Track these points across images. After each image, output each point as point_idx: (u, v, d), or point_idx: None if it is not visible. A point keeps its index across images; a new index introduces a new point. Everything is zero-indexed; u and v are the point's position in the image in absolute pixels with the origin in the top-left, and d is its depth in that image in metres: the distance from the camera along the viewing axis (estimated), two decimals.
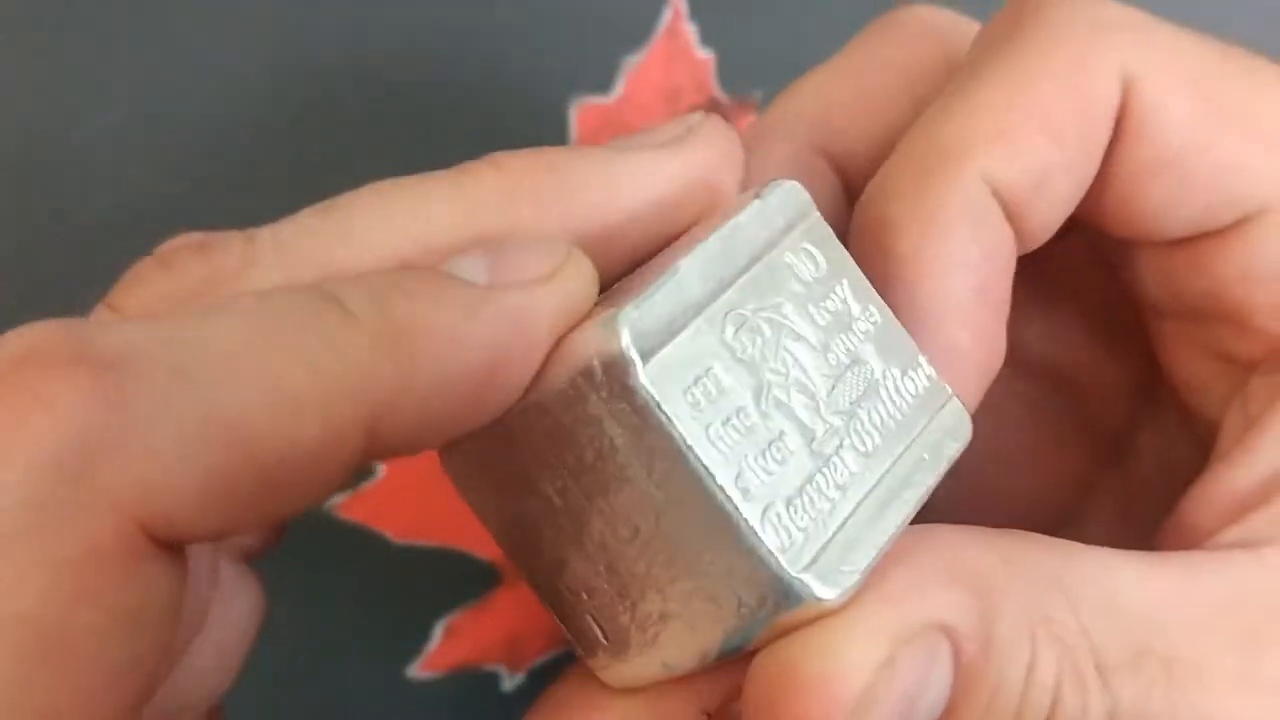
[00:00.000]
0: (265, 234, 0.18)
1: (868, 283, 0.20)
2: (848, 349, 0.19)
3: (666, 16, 0.37)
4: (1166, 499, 0.23)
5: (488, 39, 0.36)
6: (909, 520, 0.19)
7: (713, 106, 0.36)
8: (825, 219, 0.20)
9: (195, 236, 0.19)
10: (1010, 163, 0.20)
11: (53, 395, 0.14)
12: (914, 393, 0.20)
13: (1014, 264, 0.21)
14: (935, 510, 0.21)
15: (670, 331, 0.18)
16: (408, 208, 0.18)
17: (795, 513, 0.18)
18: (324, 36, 0.37)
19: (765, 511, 0.18)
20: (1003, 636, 0.19)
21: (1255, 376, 0.22)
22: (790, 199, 0.20)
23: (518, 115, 0.36)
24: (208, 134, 0.34)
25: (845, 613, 0.18)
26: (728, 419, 0.18)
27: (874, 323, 0.20)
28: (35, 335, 0.15)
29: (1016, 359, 0.26)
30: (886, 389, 0.19)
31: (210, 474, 0.15)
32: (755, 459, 0.18)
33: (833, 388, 0.19)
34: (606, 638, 0.20)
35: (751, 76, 0.36)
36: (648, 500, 0.18)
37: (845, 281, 0.20)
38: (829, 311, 0.19)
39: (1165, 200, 0.21)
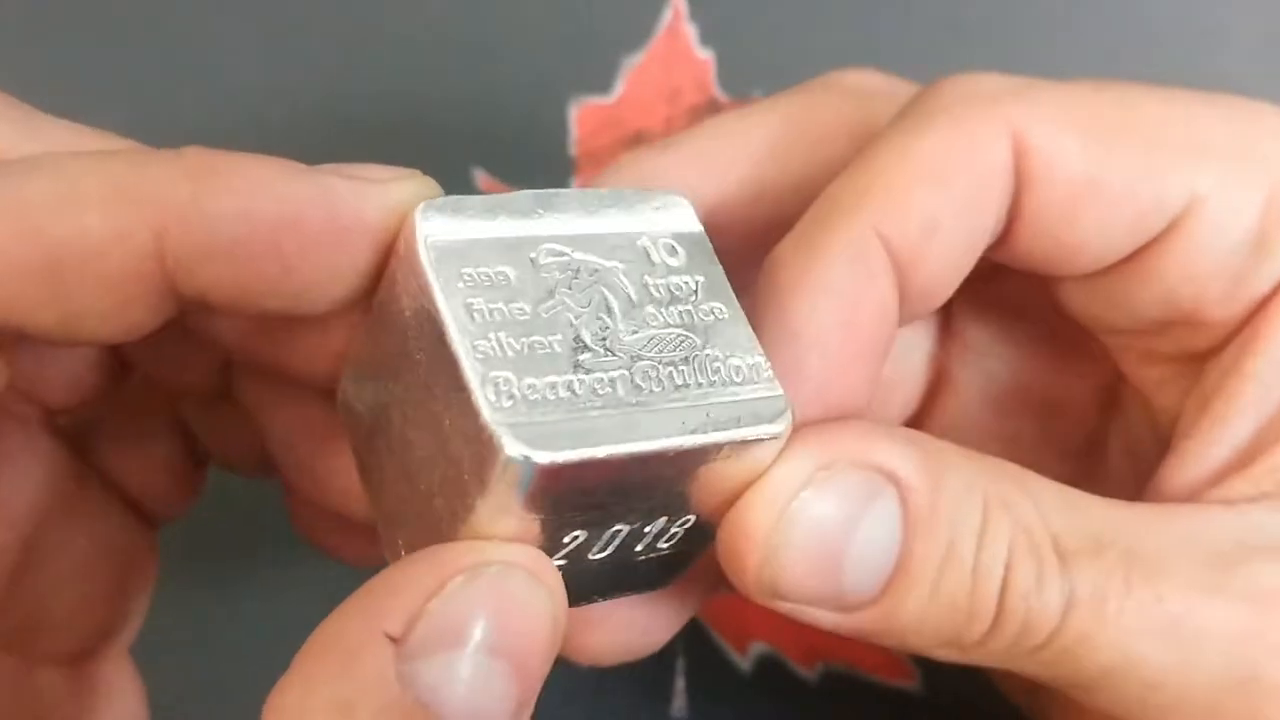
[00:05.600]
0: None
1: (730, 292, 0.20)
2: (679, 320, 0.20)
3: (666, 17, 0.37)
4: (1138, 498, 0.23)
5: (488, 39, 0.36)
6: (666, 450, 0.18)
7: (712, 107, 0.36)
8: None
9: None
10: (899, 212, 0.21)
11: None
12: (734, 375, 0.20)
13: (894, 314, 0.22)
14: None
15: (475, 230, 0.19)
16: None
17: (527, 390, 0.18)
18: (325, 38, 0.37)
19: (490, 373, 0.18)
20: (950, 496, 0.20)
21: (1210, 362, 0.23)
22: (678, 211, 0.21)
23: (518, 115, 0.36)
24: (207, 134, 0.34)
25: (781, 454, 0.19)
26: (497, 305, 0.18)
27: (719, 316, 0.20)
28: None
29: (986, 396, 0.27)
30: (703, 361, 0.19)
31: None
32: (506, 338, 0.18)
33: (635, 332, 0.19)
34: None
35: (751, 77, 0.36)
36: (419, 376, 0.19)
37: (702, 279, 0.20)
38: (670, 289, 0.20)
39: (1094, 229, 0.22)
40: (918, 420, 0.28)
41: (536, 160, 0.35)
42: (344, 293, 0.20)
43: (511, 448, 0.17)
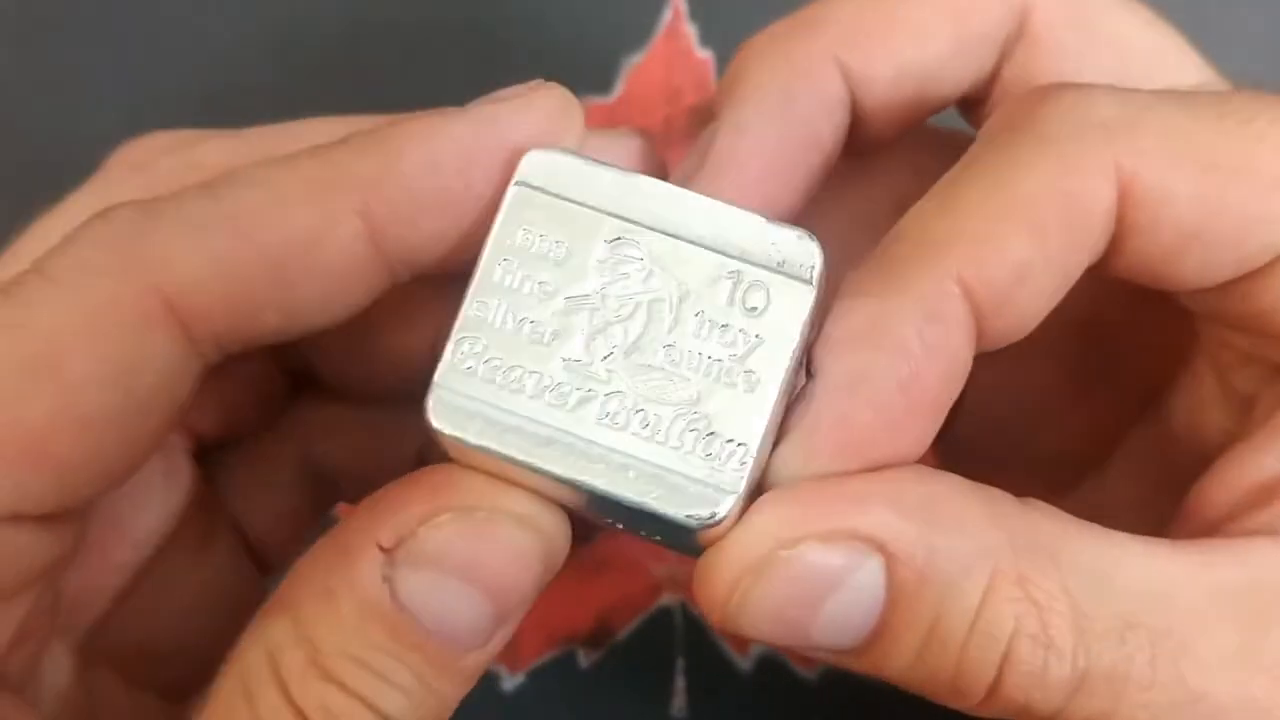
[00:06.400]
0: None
1: (785, 364, 0.19)
2: (700, 366, 0.19)
3: (667, 17, 0.37)
4: (1193, 457, 0.23)
5: (488, 39, 0.37)
6: (563, 476, 0.18)
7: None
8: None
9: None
10: (988, 260, 0.20)
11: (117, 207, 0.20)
12: (704, 447, 0.19)
13: (965, 368, 0.20)
14: (957, 448, 0.20)
15: (571, 190, 0.19)
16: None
17: (491, 361, 0.19)
18: (323, 36, 0.37)
19: (471, 332, 0.19)
20: (945, 571, 0.19)
21: None
22: (803, 255, 0.19)
23: None
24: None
25: (763, 508, 0.19)
26: (529, 271, 0.19)
27: (749, 382, 0.19)
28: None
29: (1060, 317, 0.26)
30: (690, 418, 0.18)
31: (218, 254, 0.20)
32: (511, 307, 0.19)
33: (642, 359, 0.19)
34: None
35: None
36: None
37: (768, 337, 0.19)
38: (722, 331, 0.19)
39: (1192, 268, 0.21)
40: None
41: None
42: None
43: (431, 406, 0.19)
